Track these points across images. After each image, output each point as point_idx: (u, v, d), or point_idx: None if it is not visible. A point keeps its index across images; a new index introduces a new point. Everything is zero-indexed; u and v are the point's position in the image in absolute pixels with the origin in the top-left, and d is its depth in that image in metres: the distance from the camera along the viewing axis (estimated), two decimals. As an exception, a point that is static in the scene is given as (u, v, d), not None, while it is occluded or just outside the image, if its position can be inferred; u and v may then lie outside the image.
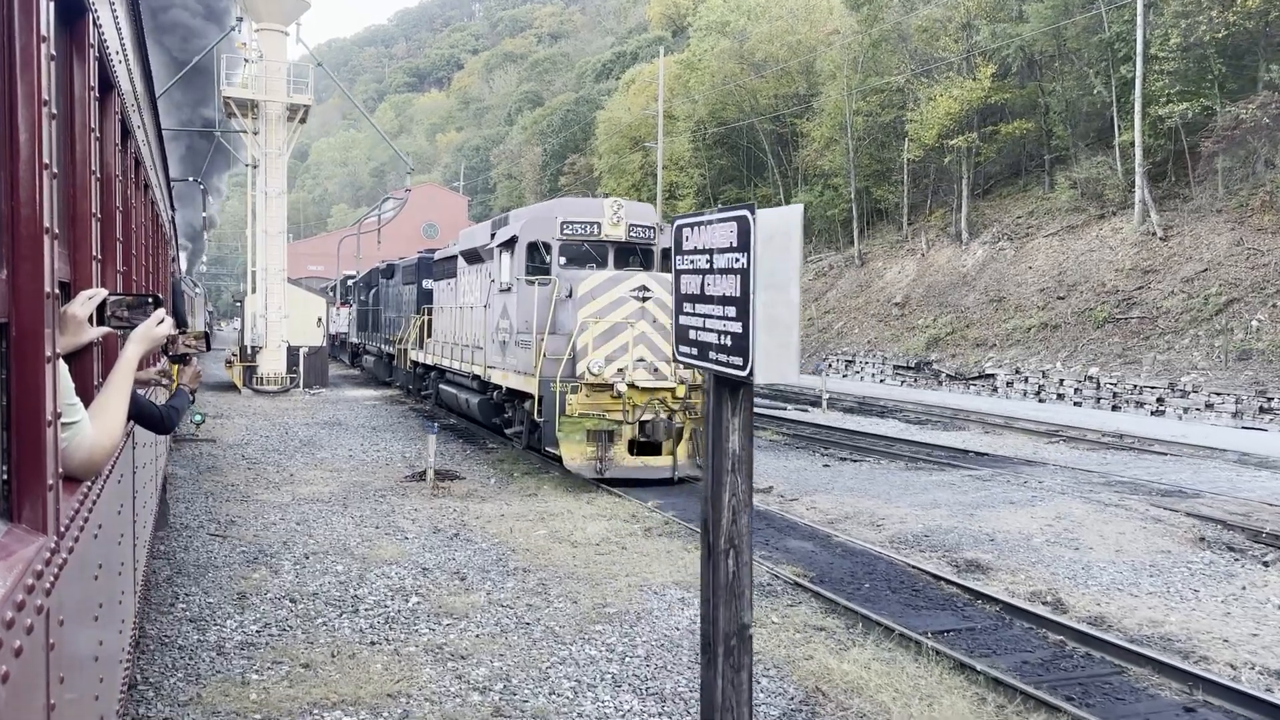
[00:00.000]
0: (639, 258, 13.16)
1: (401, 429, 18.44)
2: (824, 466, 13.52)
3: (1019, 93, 36.15)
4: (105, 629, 2.80)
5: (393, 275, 26.42)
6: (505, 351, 13.62)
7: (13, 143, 1.60)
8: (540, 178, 75.49)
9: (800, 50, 50.10)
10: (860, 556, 8.05)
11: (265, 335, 23.96)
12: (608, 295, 11.94)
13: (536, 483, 12.24)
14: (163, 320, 2.77)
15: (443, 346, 18.52)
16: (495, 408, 15.02)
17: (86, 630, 2.34)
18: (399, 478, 12.93)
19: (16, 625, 1.43)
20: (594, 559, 8.07)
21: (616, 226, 12.79)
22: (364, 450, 15.47)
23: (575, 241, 12.89)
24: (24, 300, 1.64)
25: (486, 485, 12.36)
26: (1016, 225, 34.24)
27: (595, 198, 15.22)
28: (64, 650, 1.86)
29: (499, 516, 10.04)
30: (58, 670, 1.78)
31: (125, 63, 3.78)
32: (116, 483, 3.25)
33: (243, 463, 14.00)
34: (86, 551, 2.30)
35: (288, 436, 17.04)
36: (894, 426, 18.69)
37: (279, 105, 23.85)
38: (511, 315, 13.27)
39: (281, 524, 9.84)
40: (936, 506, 10.07)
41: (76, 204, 2.68)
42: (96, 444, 2.20)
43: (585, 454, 11.32)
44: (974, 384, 28.52)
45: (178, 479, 12.51)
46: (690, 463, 11.78)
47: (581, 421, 11.19)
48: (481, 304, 15.65)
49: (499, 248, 13.57)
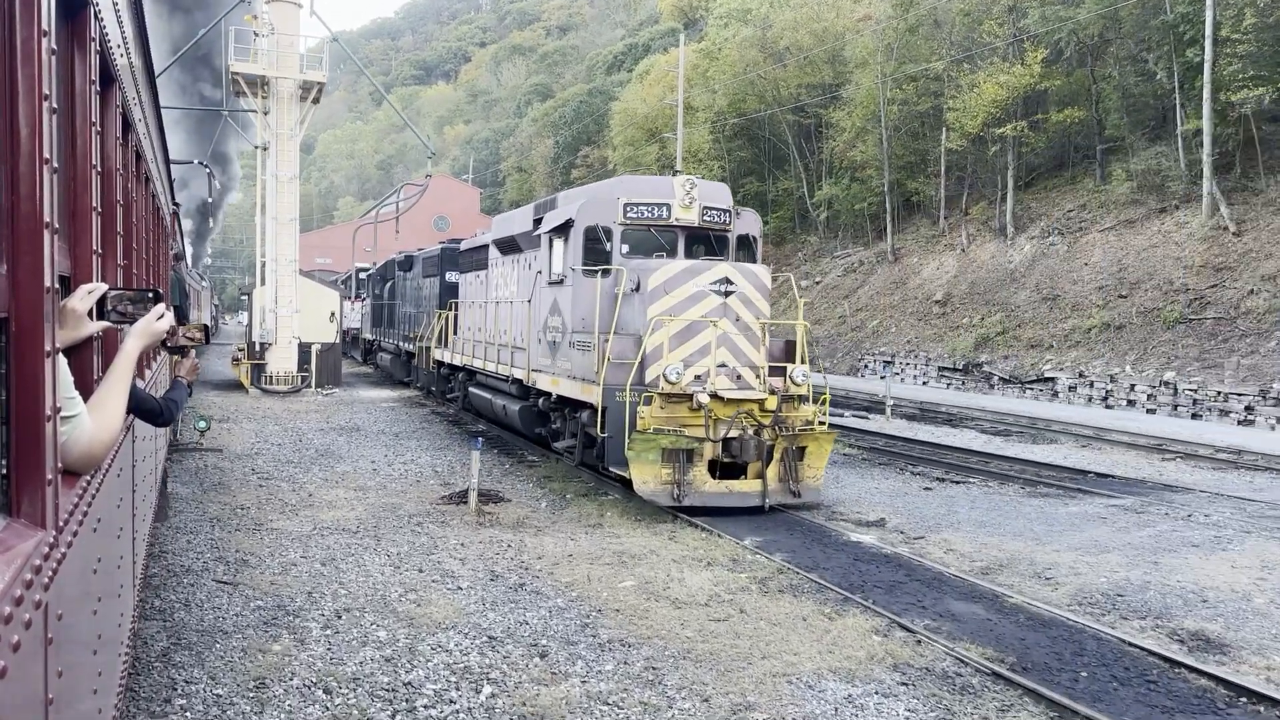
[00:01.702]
0: (712, 246, 11.36)
1: (426, 436, 16.67)
2: (925, 490, 11.71)
3: (1067, 80, 34.23)
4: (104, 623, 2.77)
5: (411, 267, 24.64)
6: (555, 353, 11.83)
7: (13, 137, 1.61)
8: (552, 170, 73.95)
9: (827, 38, 48.32)
10: (1055, 628, 6.26)
11: (275, 331, 22.19)
12: (684, 289, 10.15)
13: (596, 508, 10.46)
14: (162, 315, 2.72)
15: (472, 346, 16.73)
16: (539, 417, 13.24)
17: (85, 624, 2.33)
18: (434, 498, 11.17)
19: (14, 620, 1.43)
20: (708, 627, 6.28)
21: (689, 209, 10.99)
22: (389, 462, 13.71)
23: (640, 226, 11.09)
24: (24, 294, 1.65)
25: (537, 510, 10.58)
26: (1067, 219, 32.36)
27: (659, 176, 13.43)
28: (63, 644, 1.88)
29: (566, 557, 8.25)
30: (56, 664, 1.80)
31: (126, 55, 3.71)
32: (116, 476, 3.25)
33: (253, 478, 12.24)
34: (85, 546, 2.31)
35: (302, 445, 15.28)
36: (972, 438, 16.88)
37: (291, 83, 22.07)
38: (564, 312, 11.48)
39: (303, 564, 8.07)
40: (1105, 550, 8.28)
41: (77, 198, 2.68)
42: (95, 438, 2.21)
43: (660, 477, 9.53)
44: (1031, 388, 26.67)
45: (179, 499, 10.74)
46: (782, 488, 9.98)
47: (656, 439, 9.40)
48: (522, 299, 13.86)
49: (549, 235, 11.77)
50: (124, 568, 3.60)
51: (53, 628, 1.75)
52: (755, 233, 11.68)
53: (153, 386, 5.06)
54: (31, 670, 1.57)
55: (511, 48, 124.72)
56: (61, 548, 1.87)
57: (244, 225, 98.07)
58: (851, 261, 42.60)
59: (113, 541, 3.17)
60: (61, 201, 2.37)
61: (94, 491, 2.50)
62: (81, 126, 2.59)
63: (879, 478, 12.57)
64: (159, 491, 7.94)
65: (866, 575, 7.44)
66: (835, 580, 7.25)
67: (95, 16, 2.59)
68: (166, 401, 3.31)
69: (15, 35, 1.57)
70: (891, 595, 6.91)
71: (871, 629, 6.13)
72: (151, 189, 6.40)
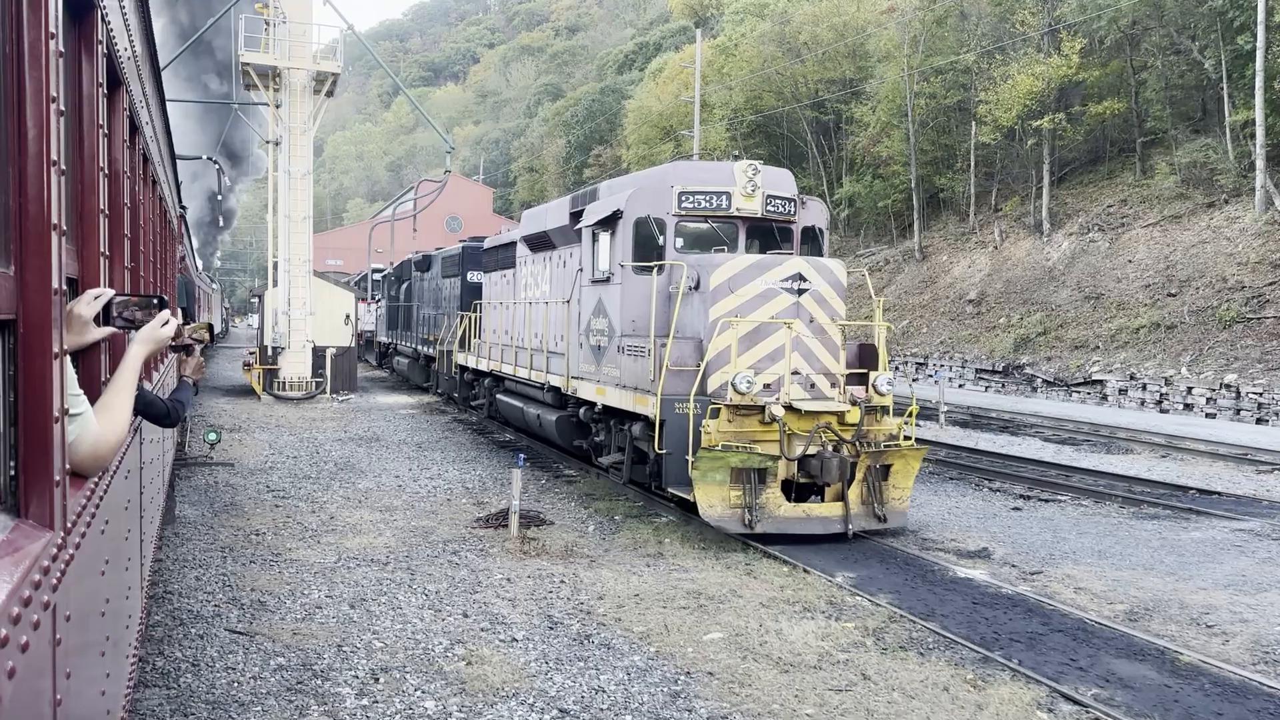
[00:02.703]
0: (775, 239, 10.22)
1: (451, 447, 15.58)
2: (1014, 510, 10.55)
3: (1104, 70, 32.96)
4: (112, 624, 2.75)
5: (429, 267, 23.57)
6: (600, 359, 10.72)
7: (21, 139, 1.61)
8: (563, 170, 73.16)
9: (847, 32, 47.23)
10: (1253, 698, 5.09)
11: (288, 334, 21.14)
12: (751, 287, 9.02)
13: (652, 533, 9.34)
14: (167, 321, 2.71)
15: (501, 350, 15.64)
16: (579, 428, 12.13)
17: (93, 625, 2.32)
18: (468, 520, 10.07)
19: (23, 621, 1.43)
20: (830, 700, 5.13)
21: (751, 198, 9.86)
22: (414, 478, 12.62)
23: (697, 218, 9.96)
24: (31, 296, 1.64)
25: (585, 535, 9.47)
26: (1107, 215, 31.09)
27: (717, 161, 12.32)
28: (70, 645, 1.87)
29: (632, 598, 7.13)
30: (64, 666, 1.79)
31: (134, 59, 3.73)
32: (123, 478, 3.21)
33: (268, 497, 11.17)
34: (93, 547, 2.30)
35: (319, 457, 14.22)
36: (1039, 447, 15.69)
37: (304, 74, 21.02)
38: (611, 313, 10.36)
39: (330, 606, 6.98)
40: (1262, 589, 7.12)
41: (84, 201, 2.69)
42: (101, 439, 2.20)
43: (728, 500, 8.40)
44: (1078, 391, 25.44)
45: (187, 524, 9.68)
46: (866, 511, 8.83)
47: (724, 457, 8.26)
48: (558, 299, 12.76)
49: (593, 228, 10.65)
50: (132, 569, 3.60)
51: (61, 629, 1.77)
52: (822, 224, 10.55)
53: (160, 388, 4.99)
54: (40, 671, 1.59)
55: (520, 48, 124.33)
56: (69, 549, 1.89)
57: (254, 228, 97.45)
58: (876, 260, 41.41)
59: (121, 543, 3.16)
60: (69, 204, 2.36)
61: (102, 493, 2.49)
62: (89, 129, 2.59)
63: (955, 495, 11.42)
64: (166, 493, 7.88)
65: (996, 624, 6.30)
66: (961, 632, 6.11)
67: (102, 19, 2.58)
68: (173, 402, 3.30)
69: (23, 37, 1.59)
70: (1036, 652, 5.77)
71: (1032, 702, 4.99)
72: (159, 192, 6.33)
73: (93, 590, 2.32)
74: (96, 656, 2.34)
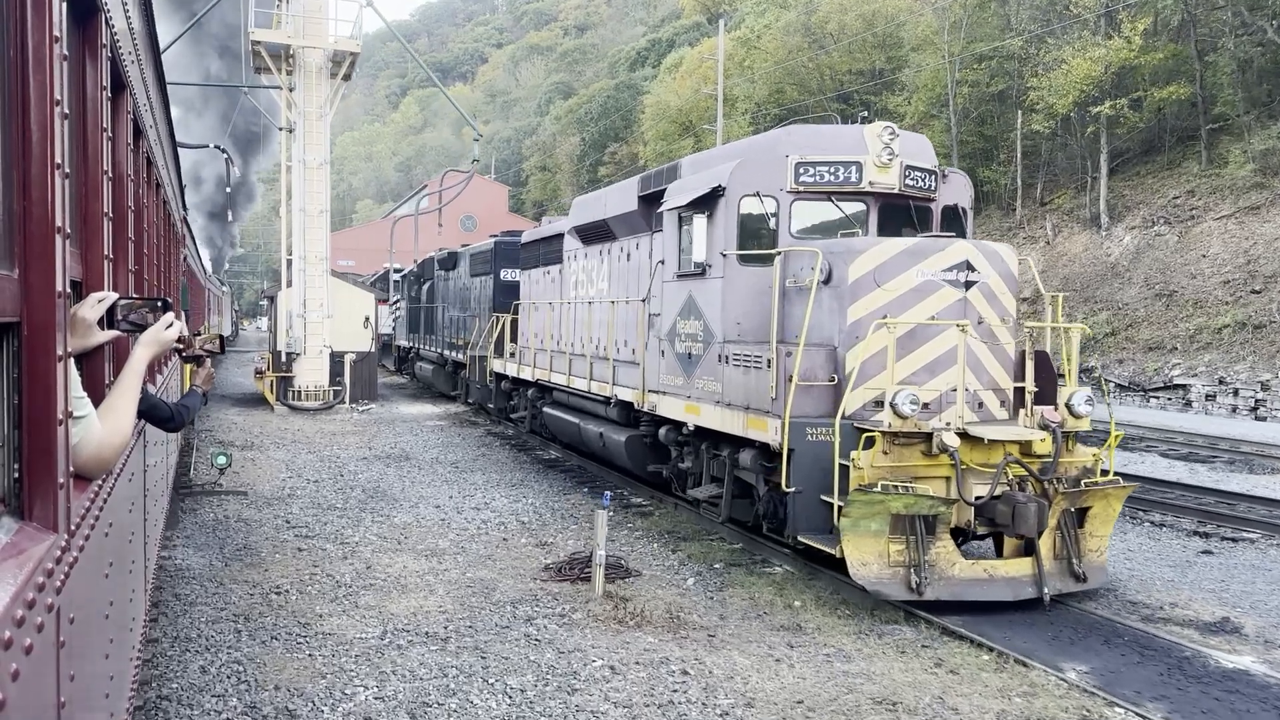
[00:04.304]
0: (912, 221, 8.28)
1: (491, 466, 13.69)
2: (1205, 555, 8.60)
3: (1171, 52, 30.89)
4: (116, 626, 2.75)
5: (454, 265, 21.68)
6: (691, 370, 8.80)
7: (25, 142, 1.61)
8: (577, 169, 71.49)
9: (877, 20, 45.40)
10: None
11: (303, 339, 19.27)
12: (904, 279, 7.10)
13: (776, 592, 7.41)
14: (171, 324, 2.69)
15: (549, 357, 13.74)
16: (653, 450, 10.23)
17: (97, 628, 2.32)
18: (534, 568, 8.20)
19: (27, 623, 1.43)
20: None
21: (887, 169, 7.93)
22: (457, 507, 10.74)
23: (818, 194, 8.04)
24: (35, 299, 1.64)
25: (685, 592, 7.56)
26: (1174, 207, 29.05)
27: (838, 125, 10.38)
28: (74, 648, 1.87)
29: (795, 707, 5.20)
30: (68, 668, 1.78)
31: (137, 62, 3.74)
32: (127, 481, 3.25)
33: (289, 536, 9.30)
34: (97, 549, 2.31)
35: (344, 481, 12.34)
36: (1166, 467, 13.70)
37: (319, 54, 19.17)
38: (707, 313, 8.45)
39: (384, 717, 5.08)
40: None
41: (88, 204, 2.72)
42: (105, 441, 2.21)
43: (887, 556, 6.48)
44: (1156, 396, 23.43)
45: (192, 577, 7.80)
46: (1060, 567, 6.88)
47: (886, 500, 6.34)
48: (623, 296, 10.88)
49: (681, 211, 8.74)
50: (135, 572, 3.59)
51: (65, 631, 1.75)
52: (965, 203, 8.62)
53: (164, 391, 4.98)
54: (44, 673, 1.57)
55: (529, 48, 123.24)
56: (73, 551, 1.86)
57: (262, 230, 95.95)
58: (915, 257, 39.45)
59: (124, 545, 3.15)
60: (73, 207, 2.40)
61: (105, 496, 2.49)
62: (93, 132, 2.64)
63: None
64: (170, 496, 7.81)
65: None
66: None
67: (106, 23, 2.62)
68: (179, 407, 3.28)
69: (27, 40, 1.58)
70: None
71: None
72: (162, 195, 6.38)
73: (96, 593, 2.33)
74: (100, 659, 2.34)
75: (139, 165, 4.30)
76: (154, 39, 4.49)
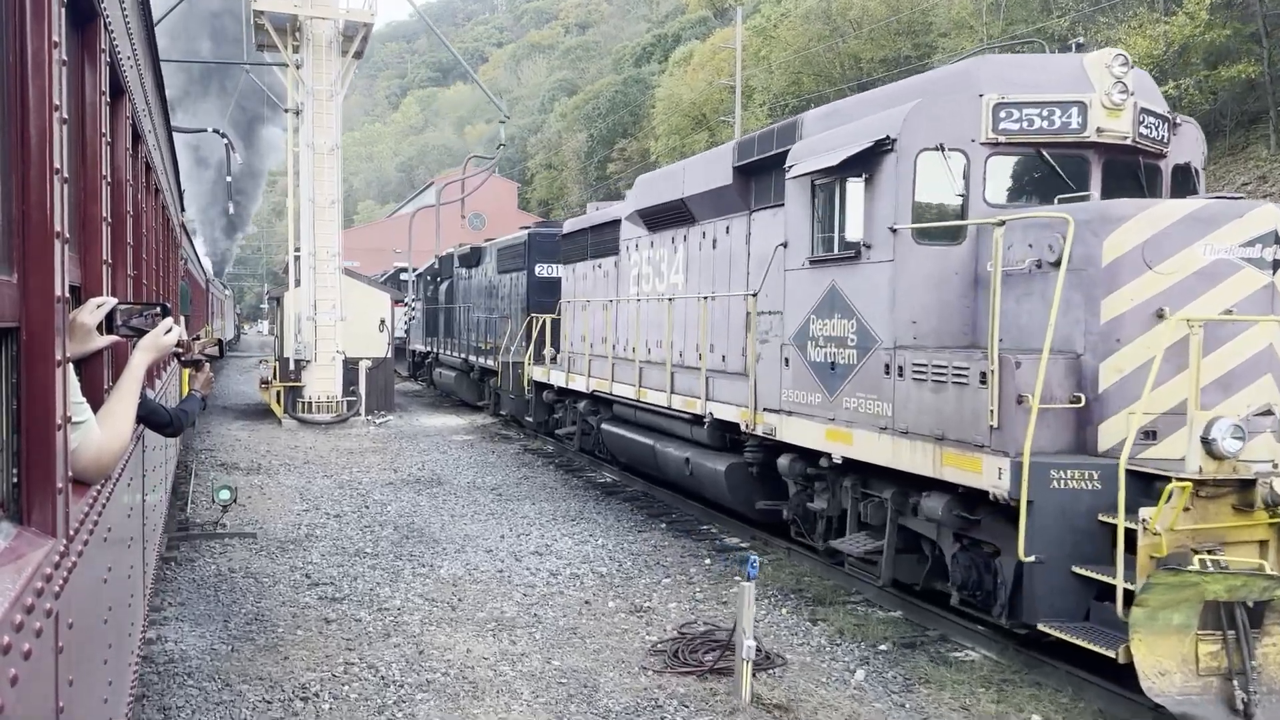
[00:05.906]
0: (1140, 182, 6.22)
1: (540, 494, 11.63)
2: None
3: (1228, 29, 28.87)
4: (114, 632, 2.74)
5: (478, 262, 19.64)
6: (837, 384, 6.74)
7: (24, 147, 1.61)
8: (584, 166, 69.63)
9: (902, 5, 43.48)
10: None
11: (314, 344, 17.21)
12: (1186, 257, 5.07)
13: (998, 699, 5.36)
14: (170, 329, 2.67)
15: (606, 364, 11.69)
16: (763, 484, 8.18)
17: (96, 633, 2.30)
18: (638, 650, 6.18)
19: (26, 628, 1.42)
20: None
21: (1119, 112, 5.88)
22: (514, 553, 8.69)
23: (1026, 146, 5.98)
24: (34, 304, 1.64)
25: (860, 696, 5.52)
26: (1246, 193, 27.00)
27: (1040, 54, 8.24)
28: (73, 653, 1.86)
29: None
30: (67, 673, 1.77)
31: (136, 67, 3.74)
32: (126, 486, 3.23)
33: (310, 597, 7.25)
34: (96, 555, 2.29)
35: (370, 515, 10.30)
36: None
37: (330, 25, 17.14)
38: (864, 309, 6.40)
39: None
40: None
41: (87, 208, 2.73)
42: (104, 447, 2.20)
43: (1194, 660, 4.43)
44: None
45: (188, 671, 5.74)
46: None
47: (1200, 582, 4.30)
48: (709, 290, 8.85)
49: (823, 177, 6.67)
50: (134, 577, 3.57)
51: (63, 636, 1.74)
52: (1198, 163, 6.58)
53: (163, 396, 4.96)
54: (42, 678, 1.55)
55: (530, 46, 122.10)
56: (72, 556, 1.84)
57: (264, 231, 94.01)
58: (951, 252, 37.52)
59: (123, 550, 3.12)
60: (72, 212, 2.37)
61: (104, 501, 2.48)
62: (91, 137, 2.65)
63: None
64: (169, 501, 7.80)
65: None
66: None
67: (105, 28, 2.61)
68: (177, 412, 3.24)
69: (26, 46, 1.57)
70: None
71: None
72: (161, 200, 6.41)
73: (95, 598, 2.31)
74: (99, 664, 2.33)
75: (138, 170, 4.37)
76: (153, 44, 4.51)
